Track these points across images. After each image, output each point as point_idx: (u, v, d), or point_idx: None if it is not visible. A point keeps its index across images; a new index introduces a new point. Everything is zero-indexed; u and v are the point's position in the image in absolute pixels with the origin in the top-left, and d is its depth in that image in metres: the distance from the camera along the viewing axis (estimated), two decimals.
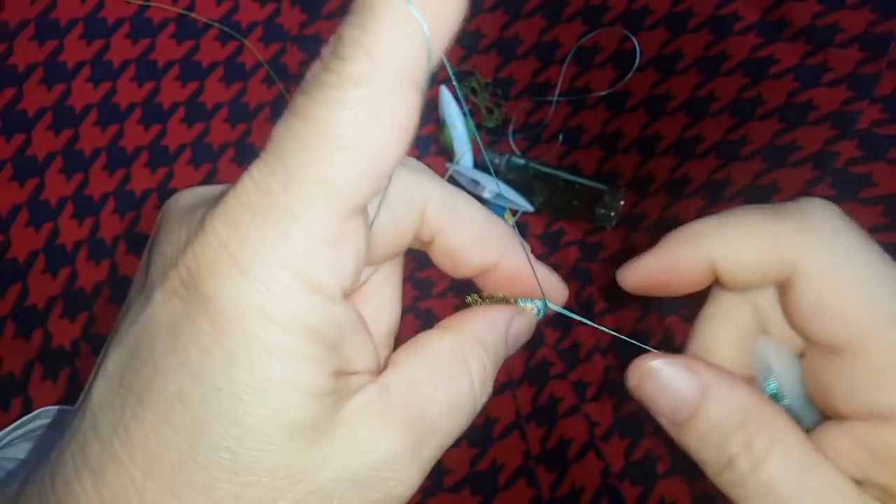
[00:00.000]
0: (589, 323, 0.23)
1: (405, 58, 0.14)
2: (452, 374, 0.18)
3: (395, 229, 0.19)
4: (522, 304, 0.21)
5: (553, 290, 0.21)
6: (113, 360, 0.15)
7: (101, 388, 0.16)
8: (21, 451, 0.36)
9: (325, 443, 0.15)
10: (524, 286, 0.21)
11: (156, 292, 0.15)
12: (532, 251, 0.21)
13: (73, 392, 0.45)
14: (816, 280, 0.17)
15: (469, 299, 0.21)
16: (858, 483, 0.17)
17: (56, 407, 0.38)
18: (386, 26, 0.14)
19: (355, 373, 0.16)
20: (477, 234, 0.20)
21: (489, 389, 0.18)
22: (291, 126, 0.14)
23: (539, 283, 0.21)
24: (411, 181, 0.19)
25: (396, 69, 0.14)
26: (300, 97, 0.14)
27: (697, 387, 0.18)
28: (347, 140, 0.14)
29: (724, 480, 0.18)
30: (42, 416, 0.37)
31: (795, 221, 0.18)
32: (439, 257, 0.20)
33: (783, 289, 0.18)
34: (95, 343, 0.47)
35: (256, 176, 0.14)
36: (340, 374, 0.16)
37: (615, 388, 0.45)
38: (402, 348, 0.18)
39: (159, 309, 0.15)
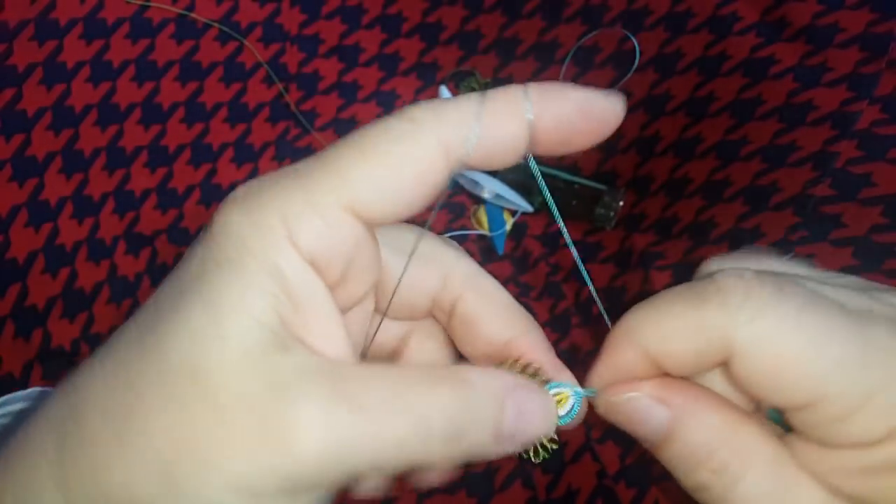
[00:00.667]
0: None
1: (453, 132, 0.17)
2: (413, 384, 0.16)
3: (419, 283, 0.21)
4: (555, 390, 0.19)
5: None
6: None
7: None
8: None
9: (246, 371, 0.15)
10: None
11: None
12: (532, 251, 0.21)
13: None
14: (754, 353, 0.17)
15: (503, 364, 0.20)
16: (834, 492, 0.17)
17: (37, 389, 0.38)
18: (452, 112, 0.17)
19: (307, 343, 0.17)
20: (496, 307, 0.21)
21: (437, 444, 0.16)
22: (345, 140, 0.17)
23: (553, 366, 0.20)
24: (442, 247, 0.21)
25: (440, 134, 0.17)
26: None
27: (666, 417, 0.18)
28: (381, 149, 0.17)
29: (700, 498, 0.18)
30: (26, 398, 0.37)
31: (716, 302, 0.17)
32: (456, 329, 0.21)
33: (727, 368, 0.18)
34: (95, 343, 0.47)
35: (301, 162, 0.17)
36: (290, 326, 0.16)
37: None
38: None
39: (185, 255, 0.17)
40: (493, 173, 0.54)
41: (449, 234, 0.54)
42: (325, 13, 0.55)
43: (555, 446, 0.19)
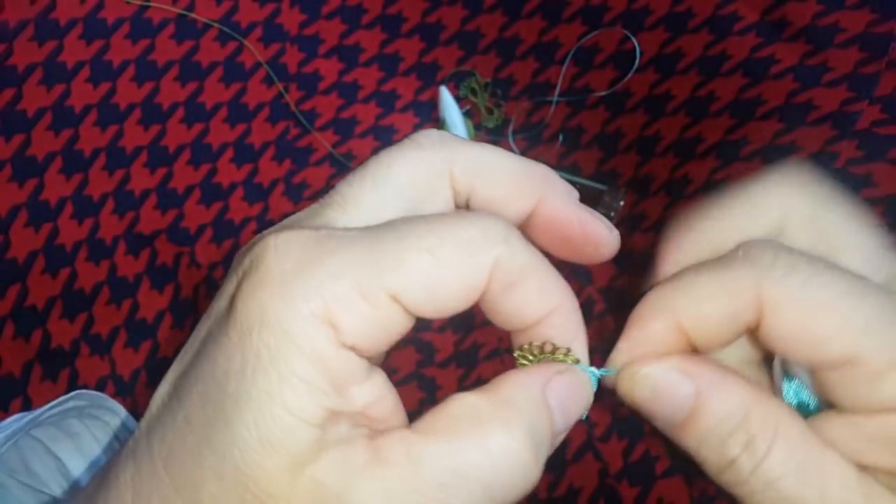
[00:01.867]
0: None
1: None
2: (462, 440, 0.16)
3: (427, 189, 0.19)
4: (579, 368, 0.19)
5: (598, 238, 0.20)
6: (173, 370, 0.18)
7: (161, 392, 0.18)
8: (45, 434, 0.36)
9: (297, 476, 0.15)
10: (567, 233, 0.20)
11: (208, 317, 0.17)
12: None
13: None
14: (790, 307, 0.17)
15: (517, 354, 0.19)
16: (864, 468, 0.17)
17: (93, 392, 0.39)
18: None
19: (360, 424, 0.16)
20: (509, 181, 0.19)
21: (522, 464, 0.16)
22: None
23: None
24: (433, 155, 0.19)
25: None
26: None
27: (692, 390, 0.18)
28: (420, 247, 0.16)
29: (725, 479, 0.18)
30: (78, 398, 0.38)
31: (746, 265, 0.17)
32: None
33: (759, 333, 0.18)
34: (95, 343, 0.47)
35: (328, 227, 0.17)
36: (338, 414, 0.16)
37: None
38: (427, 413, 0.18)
39: (204, 325, 0.17)
40: None
41: None
42: (325, 13, 0.55)
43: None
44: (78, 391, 0.37)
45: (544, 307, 0.18)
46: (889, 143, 0.39)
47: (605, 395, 0.20)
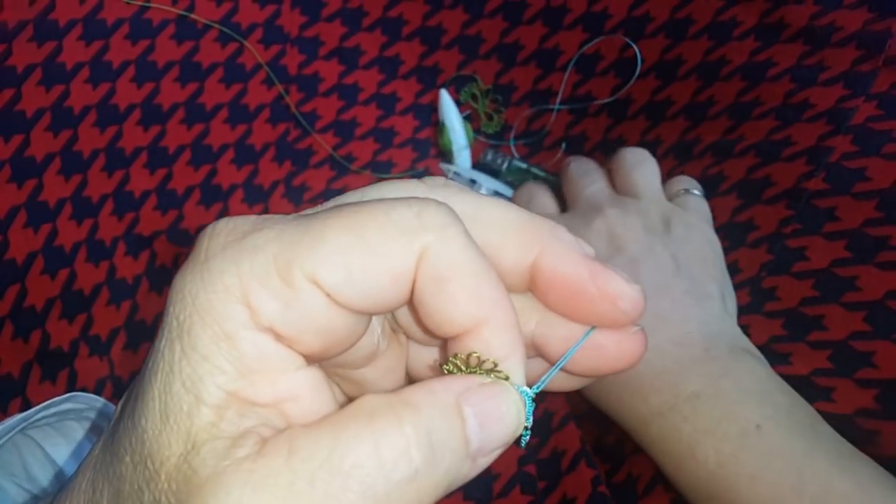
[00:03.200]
0: None
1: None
2: (347, 434, 0.15)
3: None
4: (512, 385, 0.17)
5: (614, 293, 0.18)
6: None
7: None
8: (44, 436, 0.37)
9: (184, 459, 0.15)
10: (577, 288, 0.18)
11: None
12: None
13: None
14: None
15: (444, 365, 0.17)
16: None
17: (89, 395, 0.39)
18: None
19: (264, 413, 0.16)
20: (506, 229, 0.18)
21: (408, 462, 0.14)
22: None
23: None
24: (430, 192, 0.18)
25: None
26: None
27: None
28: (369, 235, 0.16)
29: None
30: (73, 400, 0.38)
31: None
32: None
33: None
34: (94, 344, 0.47)
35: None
36: (243, 403, 0.15)
37: None
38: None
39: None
40: (494, 173, 0.54)
41: None
42: (325, 15, 0.55)
43: (526, 432, 0.17)
44: (72, 393, 0.37)
45: (472, 314, 0.16)
46: (884, 139, 0.40)
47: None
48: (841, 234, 0.39)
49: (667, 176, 0.47)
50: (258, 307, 0.15)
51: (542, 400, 0.45)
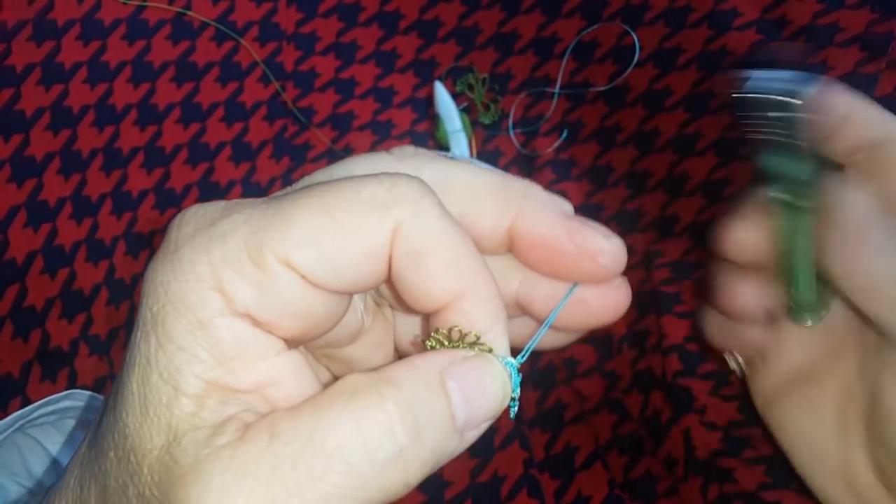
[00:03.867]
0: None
1: None
2: (328, 413, 0.14)
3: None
4: (494, 357, 0.16)
5: (594, 248, 0.17)
6: None
7: None
8: (44, 435, 0.37)
9: (165, 450, 0.15)
10: (557, 248, 0.17)
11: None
12: None
13: None
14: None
15: (427, 341, 0.17)
16: None
17: (87, 392, 0.39)
18: None
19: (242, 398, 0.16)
20: (480, 195, 0.18)
21: (392, 439, 0.14)
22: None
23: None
24: (399, 164, 0.18)
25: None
26: None
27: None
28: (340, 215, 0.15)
29: None
30: (72, 397, 0.38)
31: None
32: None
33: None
34: (94, 344, 0.47)
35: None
36: (224, 390, 0.15)
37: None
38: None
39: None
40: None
41: None
42: (321, 11, 0.55)
43: (514, 403, 0.17)
44: (71, 391, 0.38)
45: (451, 287, 0.16)
46: None
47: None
48: None
49: (665, 171, 0.46)
50: (232, 293, 0.15)
51: (537, 363, 0.44)
